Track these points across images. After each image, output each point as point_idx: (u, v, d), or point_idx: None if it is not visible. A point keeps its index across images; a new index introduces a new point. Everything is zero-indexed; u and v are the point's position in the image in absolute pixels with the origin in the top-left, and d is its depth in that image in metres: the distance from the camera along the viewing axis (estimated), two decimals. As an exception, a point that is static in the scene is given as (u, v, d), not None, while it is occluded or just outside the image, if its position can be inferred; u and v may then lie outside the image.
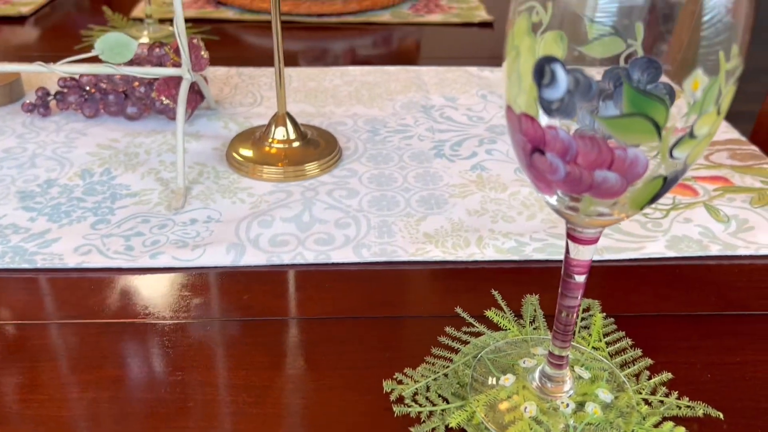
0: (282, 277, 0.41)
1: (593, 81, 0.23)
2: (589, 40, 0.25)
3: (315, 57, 0.82)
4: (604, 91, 0.25)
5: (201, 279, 0.41)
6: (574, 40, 0.25)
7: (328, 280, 0.41)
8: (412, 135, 0.59)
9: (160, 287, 0.40)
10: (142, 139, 0.57)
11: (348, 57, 0.82)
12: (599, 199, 0.24)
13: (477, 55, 0.82)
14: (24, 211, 0.47)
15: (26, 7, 0.90)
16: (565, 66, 0.23)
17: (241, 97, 0.66)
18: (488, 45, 0.86)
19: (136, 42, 0.52)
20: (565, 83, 0.23)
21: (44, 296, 0.39)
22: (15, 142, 0.56)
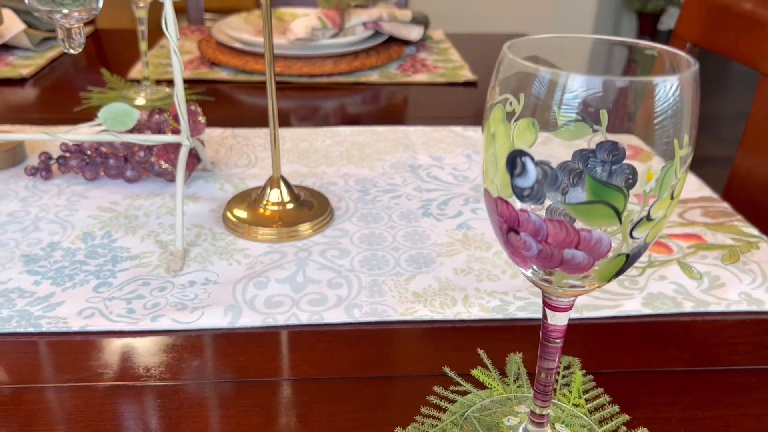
0: (277, 338, 0.43)
1: (559, 173, 0.25)
2: (559, 126, 0.28)
3: (306, 115, 0.86)
4: (574, 170, 0.28)
5: (199, 341, 0.43)
6: (544, 126, 0.28)
7: (321, 340, 0.43)
8: (400, 194, 0.62)
9: (160, 350, 0.42)
10: (141, 201, 0.59)
11: (338, 115, 0.85)
12: (569, 273, 0.27)
13: (462, 114, 0.85)
14: (29, 274, 0.49)
15: (26, 69, 0.93)
16: (534, 159, 0.26)
17: (237, 159, 0.69)
18: (472, 103, 0.90)
19: (138, 112, 0.54)
20: (534, 174, 0.25)
21: (49, 360, 0.41)
22: (18, 205, 0.58)
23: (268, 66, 0.53)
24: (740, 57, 0.71)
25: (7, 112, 0.82)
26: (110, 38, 1.14)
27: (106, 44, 1.10)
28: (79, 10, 0.50)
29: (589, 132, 0.28)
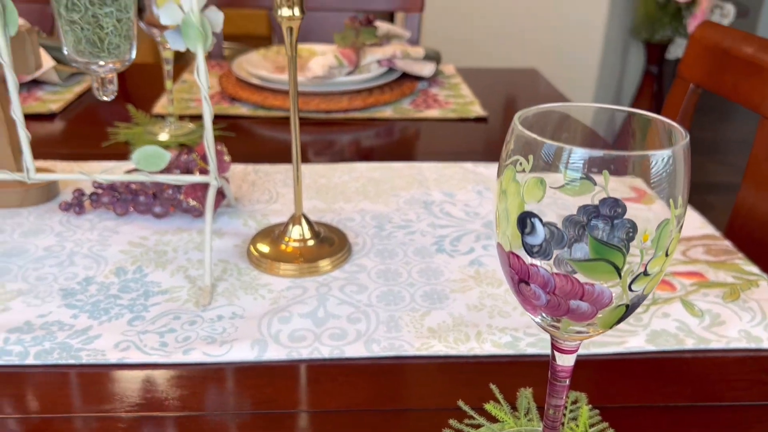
0: (301, 372, 0.46)
1: (565, 232, 0.28)
2: (564, 183, 0.31)
3: (322, 150, 0.89)
4: (579, 223, 0.31)
5: (228, 373, 0.46)
6: (551, 183, 0.31)
7: (341, 373, 0.46)
8: (415, 230, 0.65)
9: (192, 382, 0.45)
10: (169, 237, 0.63)
11: (353, 150, 0.89)
12: (575, 321, 0.30)
13: (473, 149, 0.89)
14: (67, 308, 0.52)
15: (55, 104, 0.97)
16: (542, 220, 0.28)
17: (259, 194, 0.72)
18: (483, 139, 0.93)
19: (170, 154, 0.58)
20: (543, 234, 0.28)
21: (89, 390, 0.44)
22: (54, 240, 0.62)
23: (293, 121, 0.56)
24: (742, 99, 0.74)
25: (38, 147, 0.85)
26: (134, 72, 1.19)
27: (129, 78, 1.15)
28: (113, 61, 0.54)
29: (592, 189, 0.31)
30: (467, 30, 2.16)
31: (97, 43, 0.52)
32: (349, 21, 1.04)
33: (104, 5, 0.51)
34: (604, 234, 0.28)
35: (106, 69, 0.54)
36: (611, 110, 0.34)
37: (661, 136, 0.31)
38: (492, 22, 2.16)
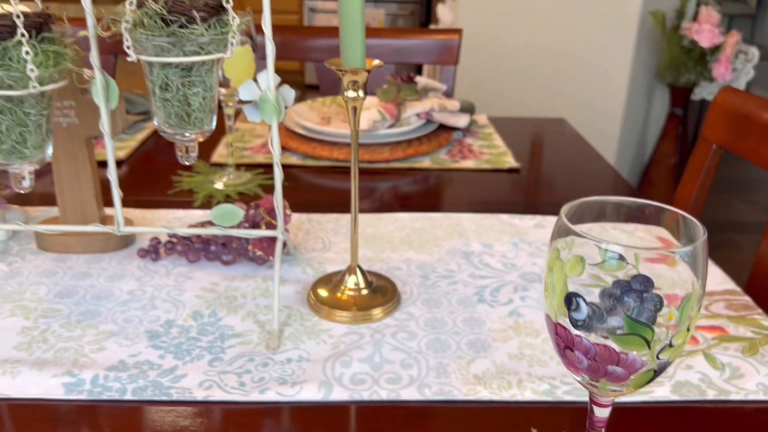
0: (363, 413, 0.52)
1: (605, 312, 0.34)
2: (601, 261, 0.38)
3: (365, 195, 0.97)
4: (613, 295, 0.37)
5: (300, 412, 0.52)
6: (590, 261, 0.38)
7: (399, 415, 0.52)
8: (457, 280, 0.72)
9: (269, 419, 0.51)
10: (237, 283, 0.70)
11: (393, 196, 0.96)
12: (611, 382, 0.36)
13: (507, 200, 0.95)
14: (154, 349, 0.59)
15: (122, 152, 1.06)
16: (586, 300, 0.35)
17: (313, 243, 0.79)
18: (516, 189, 0.99)
19: (243, 212, 0.65)
20: (586, 311, 0.35)
21: (181, 425, 0.50)
22: (135, 284, 0.69)
23: (353, 189, 0.64)
24: (762, 162, 0.79)
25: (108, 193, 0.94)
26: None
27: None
28: (197, 133, 0.62)
29: (624, 267, 0.37)
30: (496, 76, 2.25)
31: (184, 117, 0.60)
32: (391, 78, 1.12)
33: (193, 86, 0.59)
34: (636, 306, 0.34)
35: (190, 139, 0.62)
36: (642, 204, 0.40)
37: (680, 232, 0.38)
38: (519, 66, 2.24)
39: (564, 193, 1.00)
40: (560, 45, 2.21)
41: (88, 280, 0.70)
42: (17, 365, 0.56)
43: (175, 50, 0.56)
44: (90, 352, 0.58)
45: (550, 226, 0.85)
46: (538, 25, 2.19)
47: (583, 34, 2.19)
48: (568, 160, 1.14)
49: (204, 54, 0.57)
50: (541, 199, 0.97)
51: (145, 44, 0.56)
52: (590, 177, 1.08)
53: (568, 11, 2.17)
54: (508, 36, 2.21)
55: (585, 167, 1.13)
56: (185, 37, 0.55)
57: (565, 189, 1.02)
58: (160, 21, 0.55)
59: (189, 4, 0.55)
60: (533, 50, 2.23)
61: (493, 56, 2.23)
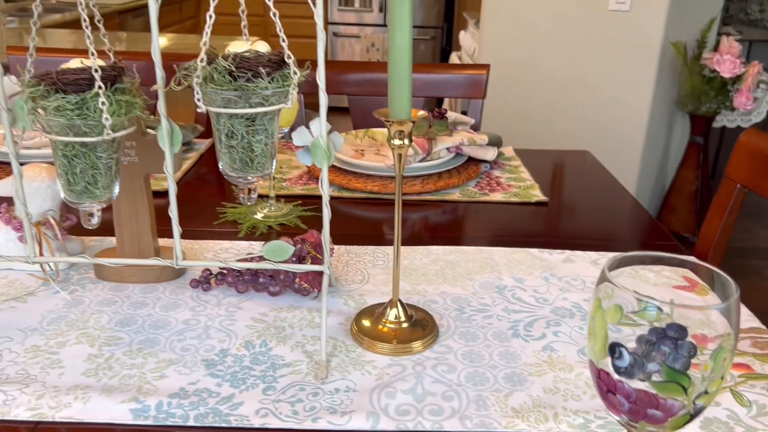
0: (409, 441, 0.56)
1: (645, 361, 0.38)
2: (639, 311, 0.41)
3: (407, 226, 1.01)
4: (650, 341, 0.41)
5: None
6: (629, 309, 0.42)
7: (443, 445, 0.56)
8: (491, 314, 0.75)
9: (322, 446, 0.55)
10: (285, 314, 0.74)
11: (424, 227, 1.00)
12: (650, 424, 0.39)
13: (536, 232, 0.99)
14: (211, 377, 0.63)
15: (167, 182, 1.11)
16: (628, 349, 0.38)
17: (353, 275, 0.83)
18: (545, 223, 1.03)
19: (293, 248, 0.70)
20: (628, 360, 0.38)
21: (242, 451, 0.55)
22: (189, 314, 0.74)
23: (396, 235, 0.68)
24: (784, 202, 0.82)
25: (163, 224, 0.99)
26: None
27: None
28: (258, 176, 0.67)
29: (661, 316, 0.41)
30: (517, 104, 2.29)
31: (248, 162, 0.65)
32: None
33: (256, 134, 0.64)
34: (671, 353, 0.38)
35: (252, 182, 0.67)
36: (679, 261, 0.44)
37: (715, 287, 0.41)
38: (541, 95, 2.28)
39: (590, 226, 1.04)
40: (582, 74, 2.25)
41: (145, 309, 0.74)
42: (87, 391, 0.60)
43: (241, 102, 0.61)
44: (153, 380, 0.62)
45: (579, 261, 0.88)
46: (560, 55, 2.24)
47: (605, 63, 2.23)
48: (592, 193, 1.18)
49: (267, 105, 0.62)
50: (568, 231, 1.01)
51: (214, 97, 0.61)
52: (615, 210, 1.12)
53: (590, 41, 2.22)
54: (531, 65, 2.26)
55: (609, 200, 1.16)
56: (251, 90, 0.60)
57: (591, 222, 1.05)
58: (228, 76, 0.60)
59: (254, 60, 0.60)
60: (555, 79, 2.27)
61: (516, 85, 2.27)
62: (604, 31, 2.19)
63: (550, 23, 2.22)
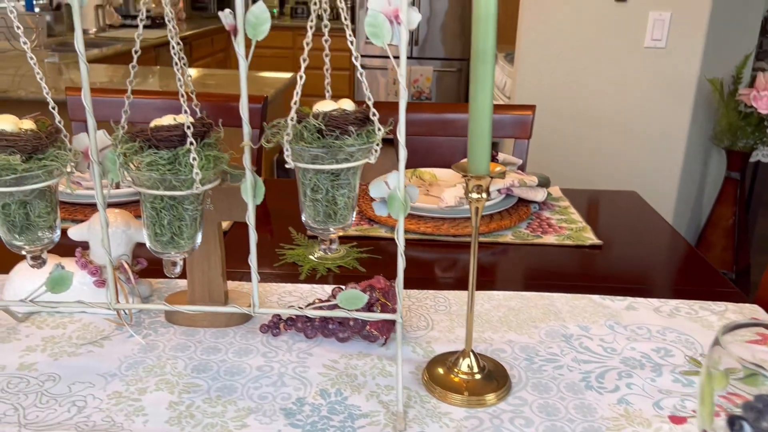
0: (496, 499, 0.56)
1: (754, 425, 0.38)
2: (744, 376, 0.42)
3: (449, 267, 1.01)
4: (755, 407, 0.41)
5: (438, 497, 0.56)
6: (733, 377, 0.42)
7: (531, 503, 0.55)
8: (561, 365, 0.75)
9: (410, 502, 0.55)
10: (355, 361, 0.75)
11: (479, 268, 1.00)
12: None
13: (594, 276, 0.99)
14: (291, 427, 0.64)
15: (224, 224, 1.13)
16: (750, 423, 0.39)
17: (416, 320, 0.84)
18: (599, 266, 1.03)
19: (367, 297, 0.71)
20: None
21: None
22: (262, 360, 0.75)
23: (470, 294, 0.69)
24: None
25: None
26: (283, 190, 1.36)
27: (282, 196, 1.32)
28: (339, 228, 0.68)
29: (766, 382, 0.41)
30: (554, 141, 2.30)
31: (331, 215, 0.67)
32: (474, 154, 1.18)
33: (340, 188, 0.66)
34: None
35: (333, 233, 0.68)
36: (787, 328, 0.44)
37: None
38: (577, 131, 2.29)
39: (646, 270, 1.03)
40: (617, 111, 2.26)
41: (218, 354, 0.75)
42: (173, 440, 0.61)
43: (328, 158, 0.63)
44: (235, 429, 0.63)
45: (642, 309, 0.88)
46: (595, 91, 2.25)
47: (641, 100, 2.24)
48: (644, 235, 1.18)
49: (353, 161, 0.64)
50: (625, 276, 1.01)
51: (302, 153, 0.62)
52: (667, 252, 1.11)
53: (625, 78, 2.23)
54: (566, 102, 2.27)
55: (661, 241, 1.16)
56: (338, 147, 0.62)
57: (646, 265, 1.05)
58: (317, 134, 0.62)
59: (342, 119, 0.62)
60: (590, 115, 2.28)
61: (551, 121, 2.29)
62: (639, 67, 2.20)
63: (586, 60, 2.24)
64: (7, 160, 0.61)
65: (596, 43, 2.20)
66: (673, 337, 0.81)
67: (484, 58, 0.60)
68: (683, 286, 0.98)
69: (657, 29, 2.15)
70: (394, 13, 0.63)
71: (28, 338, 0.77)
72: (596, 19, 2.18)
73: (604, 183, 2.31)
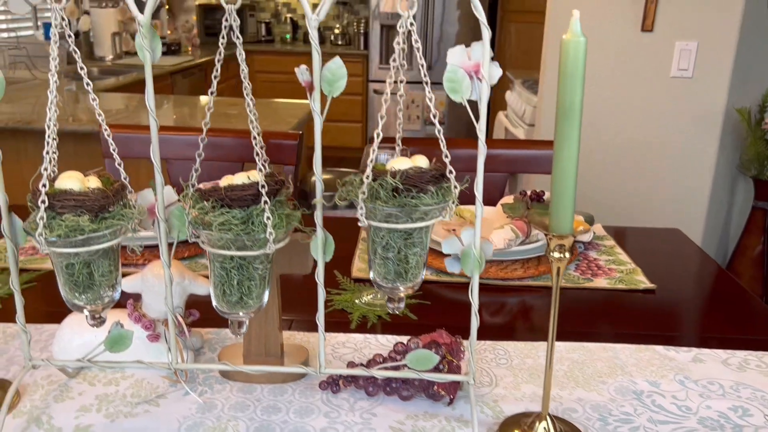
0: None
1: None
2: None
3: (497, 311, 0.99)
4: None
5: None
6: None
7: None
8: (637, 426, 0.72)
9: None
10: (421, 422, 0.72)
11: (535, 315, 0.97)
12: None
13: (650, 323, 0.96)
14: (367, 499, 0.61)
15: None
16: None
17: (479, 376, 0.81)
18: (655, 311, 1.00)
19: (438, 357, 0.68)
20: None
21: None
22: (326, 421, 0.72)
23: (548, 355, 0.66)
24: None
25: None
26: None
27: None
28: (409, 286, 0.66)
29: None
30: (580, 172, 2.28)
31: (402, 274, 0.64)
32: (519, 195, 1.16)
33: (413, 246, 0.63)
34: None
35: (402, 292, 0.66)
36: None
37: None
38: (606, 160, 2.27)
39: (704, 316, 1.00)
40: (644, 141, 2.24)
41: (279, 414, 0.72)
42: None
43: (402, 217, 0.60)
44: (308, 502, 0.60)
45: (710, 361, 0.85)
46: (622, 121, 2.24)
47: (667, 129, 2.23)
48: (695, 277, 1.15)
49: (428, 219, 0.61)
50: (683, 322, 0.98)
51: (375, 212, 0.60)
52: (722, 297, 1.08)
53: (652, 108, 2.21)
54: (592, 131, 2.26)
55: (714, 285, 1.13)
56: (414, 206, 0.60)
57: (704, 311, 1.02)
58: (392, 192, 0.60)
59: (419, 177, 0.60)
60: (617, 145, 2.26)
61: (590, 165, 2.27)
62: (666, 97, 2.19)
63: (612, 90, 2.23)
64: (76, 221, 0.59)
65: (622, 72, 2.19)
66: (747, 394, 0.78)
67: (570, 115, 0.58)
68: (744, 334, 0.95)
69: (683, 59, 2.14)
70: (474, 69, 0.62)
71: (81, 396, 0.75)
72: (622, 48, 2.17)
73: (632, 213, 2.28)
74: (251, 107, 0.64)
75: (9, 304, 0.97)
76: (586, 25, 2.46)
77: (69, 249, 0.60)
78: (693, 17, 2.10)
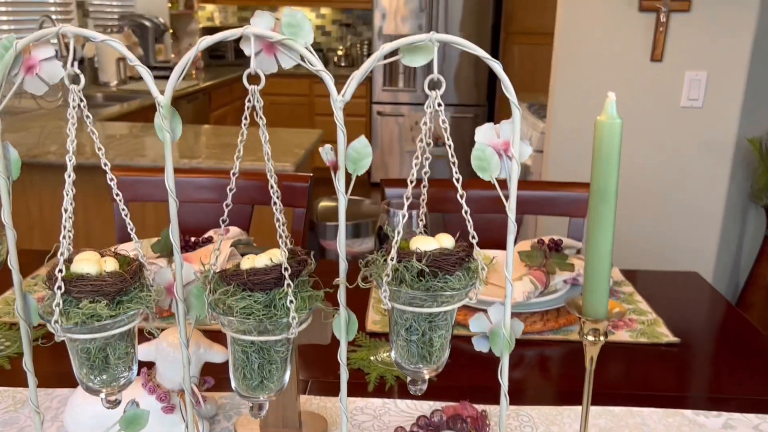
0: None
1: None
2: None
3: (516, 365, 0.96)
4: None
5: None
6: None
7: None
8: (671, 505, 0.69)
9: None
10: (448, 503, 0.69)
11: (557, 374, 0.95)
12: None
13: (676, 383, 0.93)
14: None
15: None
16: None
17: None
18: (680, 369, 0.97)
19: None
20: None
21: None
22: (348, 502, 0.69)
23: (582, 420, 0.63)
24: None
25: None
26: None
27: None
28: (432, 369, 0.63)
29: None
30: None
31: (426, 357, 0.62)
32: (537, 244, 1.14)
33: (438, 329, 0.61)
34: None
35: (425, 375, 0.63)
36: None
37: None
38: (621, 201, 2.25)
39: (733, 374, 0.98)
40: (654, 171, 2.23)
41: (299, 494, 0.70)
42: None
43: (428, 301, 0.58)
44: None
45: (741, 427, 0.82)
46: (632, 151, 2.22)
47: (678, 160, 2.21)
48: (719, 327, 1.12)
49: (454, 302, 0.59)
50: (711, 382, 0.95)
51: (401, 294, 0.58)
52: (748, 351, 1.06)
53: (662, 138, 2.20)
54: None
55: (738, 336, 1.10)
56: (440, 289, 0.58)
57: (728, 366, 0.99)
58: (417, 275, 0.57)
59: (445, 260, 0.58)
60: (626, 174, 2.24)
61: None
62: (676, 127, 2.17)
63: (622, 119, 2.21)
64: (93, 308, 0.56)
65: (632, 102, 2.17)
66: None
67: (606, 197, 0.56)
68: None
69: (693, 89, 2.12)
70: (503, 147, 0.60)
71: (93, 474, 0.72)
72: (632, 78, 2.16)
73: (644, 244, 2.26)
74: (268, 158, 0.62)
75: (17, 363, 0.94)
76: (595, 56, 2.44)
77: (86, 335, 0.58)
78: (702, 47, 2.09)
